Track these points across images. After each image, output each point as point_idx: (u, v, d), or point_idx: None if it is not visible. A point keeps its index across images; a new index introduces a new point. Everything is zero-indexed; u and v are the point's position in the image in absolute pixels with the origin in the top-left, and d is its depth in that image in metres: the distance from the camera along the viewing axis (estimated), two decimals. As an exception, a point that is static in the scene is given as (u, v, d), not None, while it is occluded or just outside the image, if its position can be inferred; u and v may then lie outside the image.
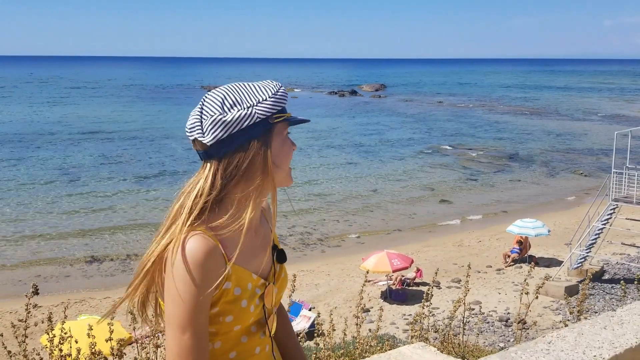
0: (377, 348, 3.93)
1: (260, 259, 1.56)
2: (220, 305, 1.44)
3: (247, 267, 1.50)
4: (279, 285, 1.62)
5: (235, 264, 1.45)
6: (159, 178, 28.85)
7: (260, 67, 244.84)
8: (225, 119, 1.43)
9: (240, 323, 1.48)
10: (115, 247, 19.29)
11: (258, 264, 1.54)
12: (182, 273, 1.36)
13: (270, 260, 1.60)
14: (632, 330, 2.18)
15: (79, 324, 8.39)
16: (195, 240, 1.39)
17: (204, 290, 1.36)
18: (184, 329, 1.35)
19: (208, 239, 1.41)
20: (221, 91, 1.49)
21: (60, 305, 12.71)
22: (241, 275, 1.47)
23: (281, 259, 1.64)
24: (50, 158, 33.90)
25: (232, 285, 1.44)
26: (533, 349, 2.05)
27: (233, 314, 1.45)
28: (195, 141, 1.47)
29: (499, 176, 31.28)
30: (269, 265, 1.59)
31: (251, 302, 1.49)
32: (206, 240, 1.40)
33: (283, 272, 1.65)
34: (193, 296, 1.35)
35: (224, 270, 1.42)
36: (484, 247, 19.56)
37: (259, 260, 1.55)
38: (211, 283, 1.38)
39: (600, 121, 55.58)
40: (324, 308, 13.94)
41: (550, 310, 14.33)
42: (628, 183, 16.39)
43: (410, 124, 52.35)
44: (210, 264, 1.38)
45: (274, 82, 1.54)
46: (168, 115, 56.62)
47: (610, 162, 19.19)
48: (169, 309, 1.38)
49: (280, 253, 1.64)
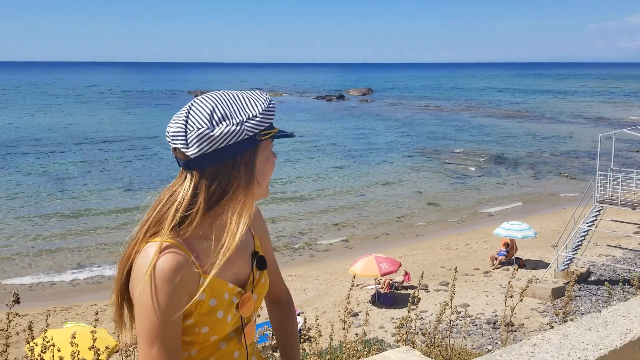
0: (364, 352, 3.92)
1: (238, 267, 1.52)
2: (194, 317, 1.39)
3: (223, 277, 1.45)
4: (258, 292, 1.58)
5: (208, 274, 1.40)
6: (145, 184, 28.66)
7: (247, 72, 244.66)
8: (213, 134, 1.35)
9: (216, 333, 1.44)
10: (102, 253, 19.11)
11: (235, 271, 1.50)
12: (148, 288, 1.31)
13: (249, 267, 1.56)
14: (616, 332, 2.18)
15: (65, 332, 8.30)
16: (165, 255, 1.34)
17: (172, 307, 1.32)
18: (151, 343, 1.32)
19: (179, 253, 1.36)
20: (210, 102, 1.40)
21: (45, 314, 12.58)
22: (216, 286, 1.42)
23: (261, 265, 1.59)
24: (35, 165, 33.57)
25: (207, 297, 1.40)
26: (518, 351, 2.05)
27: (208, 325, 1.41)
28: (177, 150, 1.40)
29: (485, 179, 31.45)
30: (247, 271, 1.55)
31: (228, 312, 1.45)
32: (176, 255, 1.35)
33: (263, 278, 1.61)
34: (160, 311, 1.31)
35: (197, 283, 1.38)
36: (471, 250, 19.64)
37: (236, 268, 1.51)
38: (181, 298, 1.34)
39: (585, 124, 56.14)
40: (313, 312, 13.89)
41: (538, 312, 14.41)
42: (613, 185, 16.54)
43: (397, 128, 52.53)
44: (179, 279, 1.33)
45: (264, 95, 1.47)
46: (154, 121, 56.33)
47: (595, 165, 19.37)
48: (138, 322, 1.35)
49: (260, 260, 1.59)
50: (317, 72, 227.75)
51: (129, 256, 1.40)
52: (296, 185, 29.15)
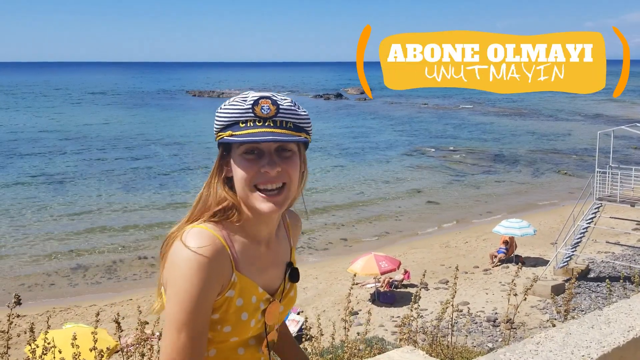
0: (366, 352, 3.92)
1: (270, 274, 1.51)
2: (221, 314, 1.38)
3: (254, 280, 1.44)
4: (285, 303, 1.57)
5: (242, 273, 1.40)
6: (144, 184, 28.64)
7: (245, 71, 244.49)
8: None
9: (237, 335, 1.43)
10: (101, 253, 19.09)
11: (267, 278, 1.49)
12: (187, 269, 1.30)
13: (281, 277, 1.55)
14: (619, 329, 2.18)
15: (65, 333, 8.28)
16: (203, 237, 1.34)
17: (205, 293, 1.31)
18: (180, 328, 1.29)
19: (216, 238, 1.36)
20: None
21: (44, 315, 12.56)
22: (246, 286, 1.42)
23: (294, 278, 1.58)
24: (34, 165, 33.52)
25: (235, 295, 1.39)
26: (522, 350, 2.04)
27: (231, 324, 1.40)
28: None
29: (485, 177, 31.46)
30: (278, 282, 1.54)
31: (252, 317, 1.44)
32: (214, 243, 1.35)
33: (292, 291, 1.60)
34: (194, 296, 1.29)
35: (230, 276, 1.37)
36: (470, 248, 19.65)
37: (268, 275, 1.50)
38: (214, 286, 1.33)
39: (584, 121, 56.19)
40: (312, 312, 13.90)
41: (538, 309, 14.42)
42: (611, 182, 16.55)
43: (395, 127, 52.53)
44: (216, 265, 1.33)
45: (242, 94, 1.44)
46: (153, 120, 56.24)
47: (593, 162, 19.38)
48: (169, 306, 1.32)
49: (293, 272, 1.58)
50: (315, 71, 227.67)
51: (172, 238, 1.39)
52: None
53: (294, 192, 1.44)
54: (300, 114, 1.44)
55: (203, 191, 1.45)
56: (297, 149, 1.45)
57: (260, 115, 1.37)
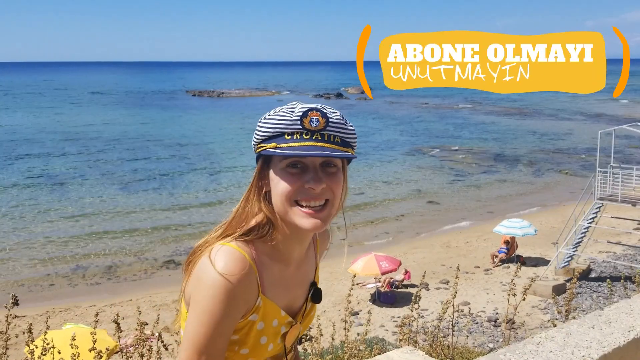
0: (366, 352, 3.91)
1: (294, 295, 1.46)
2: (240, 335, 1.34)
3: (278, 302, 1.39)
4: (304, 324, 1.52)
5: (267, 296, 1.35)
6: (144, 184, 28.64)
7: (245, 70, 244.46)
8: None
9: (254, 357, 1.38)
10: (101, 254, 19.09)
11: (290, 299, 1.44)
12: (214, 291, 1.24)
13: (304, 297, 1.50)
14: (620, 329, 2.17)
15: (64, 333, 8.27)
16: (233, 259, 1.27)
17: (230, 316, 1.26)
18: (200, 352, 1.24)
19: (247, 261, 1.30)
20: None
21: (44, 315, 12.56)
22: (269, 311, 1.36)
23: (316, 298, 1.53)
24: (33, 165, 33.55)
25: (258, 319, 1.34)
26: (522, 350, 2.03)
27: (249, 347, 1.36)
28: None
29: (485, 177, 31.45)
30: (300, 301, 1.49)
31: (271, 340, 1.39)
32: (245, 262, 1.29)
33: (313, 310, 1.55)
34: (217, 320, 1.24)
35: (255, 300, 1.32)
36: (471, 248, 19.63)
37: (291, 296, 1.45)
38: (238, 310, 1.27)
39: (585, 121, 56.16)
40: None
41: (539, 309, 14.41)
42: (612, 182, 16.54)
43: (396, 126, 52.52)
44: (243, 289, 1.27)
45: (289, 104, 1.37)
46: (153, 121, 56.25)
47: (594, 161, 19.36)
48: (191, 326, 1.26)
49: (316, 292, 1.54)
50: (315, 71, 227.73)
51: (200, 253, 1.33)
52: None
53: (336, 210, 1.41)
54: (348, 129, 1.38)
55: (240, 205, 1.38)
56: (342, 165, 1.40)
57: (309, 127, 1.30)
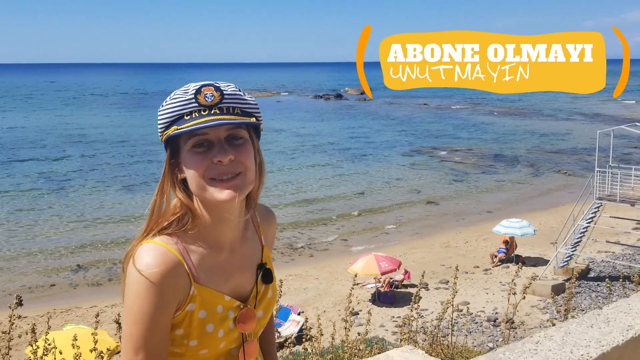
0: (366, 352, 3.92)
1: (238, 280, 1.43)
2: (184, 328, 1.33)
3: (218, 289, 1.37)
4: (264, 307, 1.49)
5: (202, 284, 1.34)
6: (144, 184, 28.62)
7: (244, 71, 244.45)
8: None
9: (206, 347, 1.36)
10: (101, 254, 19.08)
11: (234, 285, 1.42)
12: (137, 289, 1.25)
13: (252, 280, 1.47)
14: (618, 328, 2.19)
15: (65, 334, 8.29)
16: (155, 255, 1.27)
17: (159, 312, 1.25)
18: (137, 349, 1.25)
19: (171, 253, 1.29)
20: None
21: (45, 316, 12.57)
22: (207, 298, 1.35)
23: (267, 279, 1.49)
24: (33, 166, 33.53)
25: (197, 308, 1.33)
26: (521, 349, 2.05)
27: (197, 338, 1.34)
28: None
29: (484, 177, 31.46)
30: (250, 286, 1.46)
31: (220, 327, 1.37)
32: (166, 258, 1.28)
33: (270, 292, 1.52)
34: (147, 316, 1.24)
35: (188, 290, 1.31)
36: (471, 248, 19.64)
37: (235, 282, 1.42)
38: (168, 305, 1.27)
39: (583, 121, 56.19)
40: (313, 312, 13.90)
41: (538, 309, 14.42)
42: (611, 181, 16.56)
43: (395, 127, 52.51)
44: (169, 282, 1.26)
45: (183, 87, 1.35)
46: (153, 121, 56.16)
47: (593, 161, 19.38)
48: (124, 327, 1.29)
49: (266, 273, 1.49)
50: (315, 72, 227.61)
51: (130, 256, 1.32)
52: (295, 184, 29.13)
53: (251, 181, 1.35)
54: (246, 99, 1.35)
55: (155, 198, 1.36)
56: (249, 136, 1.36)
57: (205, 103, 1.28)
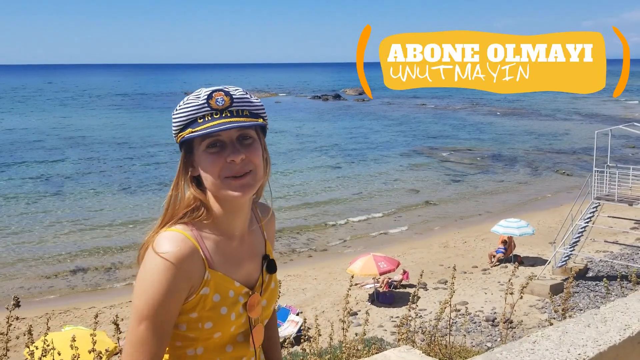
0: (364, 352, 3.92)
1: (247, 268, 1.53)
2: (198, 311, 1.41)
3: (230, 275, 1.47)
4: (267, 297, 1.59)
5: (216, 270, 1.43)
6: (143, 185, 28.63)
7: (242, 72, 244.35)
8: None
9: (220, 330, 1.45)
10: (100, 255, 19.06)
11: (244, 272, 1.52)
12: (156, 269, 1.34)
13: (258, 270, 1.57)
14: (615, 328, 2.19)
15: (64, 335, 8.28)
16: (174, 240, 1.38)
17: (173, 290, 1.34)
18: (140, 320, 1.33)
19: (188, 240, 1.39)
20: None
21: (44, 317, 12.55)
22: (221, 282, 1.44)
23: (271, 269, 1.60)
24: (32, 167, 33.48)
25: (211, 292, 1.42)
26: (518, 348, 2.05)
27: (212, 320, 1.43)
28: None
29: (483, 177, 31.48)
30: (257, 274, 1.56)
31: (232, 310, 1.46)
32: (186, 241, 1.39)
33: (273, 283, 1.62)
34: (159, 292, 1.33)
35: (202, 275, 1.40)
36: (469, 248, 19.65)
37: (244, 270, 1.52)
38: (180, 288, 1.36)
39: (581, 121, 56.27)
40: (312, 312, 13.89)
41: (536, 308, 14.43)
42: (609, 181, 16.58)
43: (393, 127, 52.53)
44: (185, 265, 1.36)
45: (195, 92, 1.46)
46: (152, 122, 56.26)
47: (591, 161, 19.40)
48: (134, 301, 1.36)
49: (270, 263, 1.60)
50: (313, 72, 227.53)
51: (147, 245, 1.42)
52: (294, 185, 29.12)
53: (260, 177, 1.46)
54: (253, 102, 1.46)
55: (171, 193, 1.46)
56: (257, 136, 1.47)
57: (216, 107, 1.40)
